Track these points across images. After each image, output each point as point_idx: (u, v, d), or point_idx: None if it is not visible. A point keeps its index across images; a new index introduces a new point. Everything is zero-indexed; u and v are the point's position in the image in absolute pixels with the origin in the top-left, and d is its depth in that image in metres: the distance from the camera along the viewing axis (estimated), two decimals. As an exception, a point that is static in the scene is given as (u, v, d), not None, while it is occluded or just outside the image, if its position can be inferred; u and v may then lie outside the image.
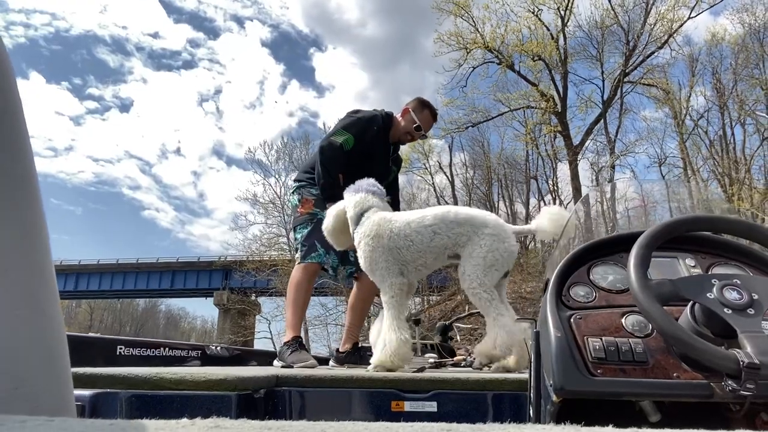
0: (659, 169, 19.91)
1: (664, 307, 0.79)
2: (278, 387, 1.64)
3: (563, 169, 20.73)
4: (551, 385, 0.81)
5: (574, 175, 18.60)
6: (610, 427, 0.40)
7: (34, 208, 0.51)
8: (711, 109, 18.97)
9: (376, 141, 2.92)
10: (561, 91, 19.21)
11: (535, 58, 18.86)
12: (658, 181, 9.50)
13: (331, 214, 2.41)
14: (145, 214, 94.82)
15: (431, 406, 1.58)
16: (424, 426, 0.39)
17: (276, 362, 2.65)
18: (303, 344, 2.65)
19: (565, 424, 0.44)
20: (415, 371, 2.06)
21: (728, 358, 0.72)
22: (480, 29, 19.08)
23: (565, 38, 19.15)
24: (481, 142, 23.75)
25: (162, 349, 2.94)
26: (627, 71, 18.61)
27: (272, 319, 22.99)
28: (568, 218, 1.62)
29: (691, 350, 0.75)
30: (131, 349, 2.73)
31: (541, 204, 21.58)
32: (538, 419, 0.91)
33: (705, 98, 19.16)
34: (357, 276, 2.93)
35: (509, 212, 23.01)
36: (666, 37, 18.28)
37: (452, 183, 23.64)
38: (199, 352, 3.23)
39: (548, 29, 18.95)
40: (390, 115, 3.01)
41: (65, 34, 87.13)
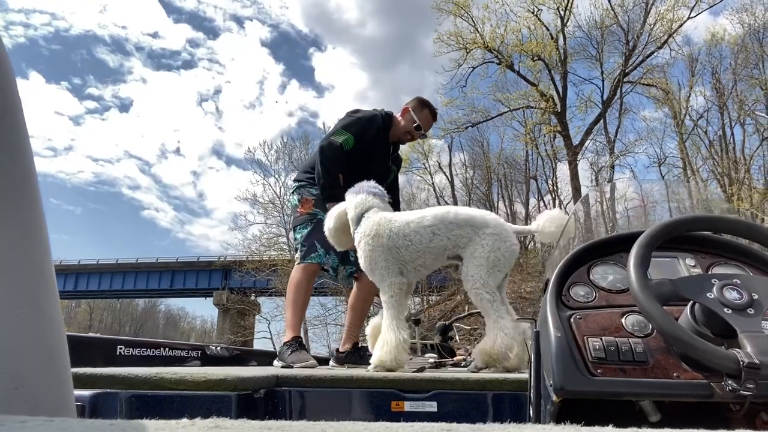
0: (659, 169, 19.96)
1: (664, 307, 0.79)
2: (278, 387, 1.64)
3: (563, 169, 20.77)
4: (551, 385, 0.81)
5: (574, 175, 18.61)
6: (610, 427, 0.40)
7: (33, 208, 0.51)
8: (710, 109, 19.02)
9: (376, 141, 2.92)
10: (560, 91, 19.23)
11: (535, 58, 18.87)
12: (657, 181, 9.51)
13: (333, 216, 2.42)
14: (145, 214, 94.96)
15: (431, 406, 1.58)
16: (424, 426, 0.39)
17: (276, 362, 2.65)
18: (303, 344, 2.65)
19: (565, 424, 0.44)
20: (415, 371, 2.06)
21: (728, 358, 0.72)
22: (480, 29, 19.12)
23: (564, 38, 19.17)
24: (480, 142, 23.78)
25: (162, 349, 2.93)
26: (627, 71, 18.62)
27: (272, 319, 23.05)
28: (568, 220, 1.62)
29: (691, 350, 0.75)
30: (131, 349, 2.72)
31: (541, 204, 21.63)
32: (538, 419, 0.91)
33: (704, 98, 19.20)
34: (357, 276, 2.93)
35: (509, 212, 23.00)
36: (666, 37, 18.31)
37: (452, 183, 23.64)
38: (199, 352, 3.22)
39: (548, 29, 18.97)
40: (390, 115, 3.01)
41: (65, 33, 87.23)
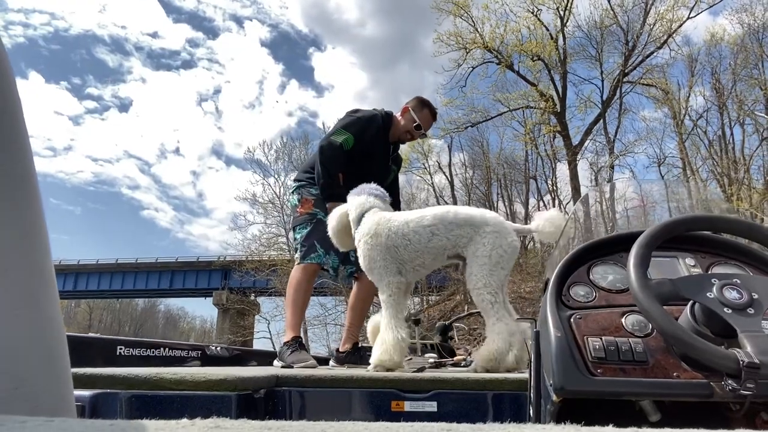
0: (658, 169, 19.96)
1: (664, 307, 0.79)
2: (278, 387, 1.64)
3: (562, 169, 20.76)
4: (551, 385, 0.81)
5: (574, 175, 18.62)
6: (610, 426, 0.40)
7: (33, 208, 0.51)
8: (710, 109, 19.02)
9: (376, 140, 2.92)
10: (560, 91, 19.23)
11: (535, 58, 18.88)
12: (657, 181, 9.51)
13: (335, 217, 2.43)
14: (144, 214, 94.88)
15: (431, 406, 1.58)
16: (424, 426, 0.39)
17: (276, 362, 2.65)
18: (303, 344, 2.65)
19: (565, 423, 0.44)
20: (415, 371, 2.06)
21: (728, 358, 0.72)
22: (479, 29, 19.13)
23: (564, 38, 19.17)
24: (480, 142, 23.77)
25: (162, 349, 2.93)
26: (626, 71, 18.63)
27: (271, 319, 23.05)
28: (567, 220, 1.63)
29: (691, 350, 0.75)
30: (131, 350, 2.72)
31: (540, 204, 21.62)
32: (538, 419, 0.91)
33: (704, 98, 19.19)
34: (357, 276, 2.93)
35: (508, 212, 22.98)
36: (665, 38, 18.31)
37: (451, 183, 23.62)
38: (199, 353, 3.22)
39: (547, 29, 18.97)
40: (390, 115, 3.01)
41: (64, 33, 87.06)
